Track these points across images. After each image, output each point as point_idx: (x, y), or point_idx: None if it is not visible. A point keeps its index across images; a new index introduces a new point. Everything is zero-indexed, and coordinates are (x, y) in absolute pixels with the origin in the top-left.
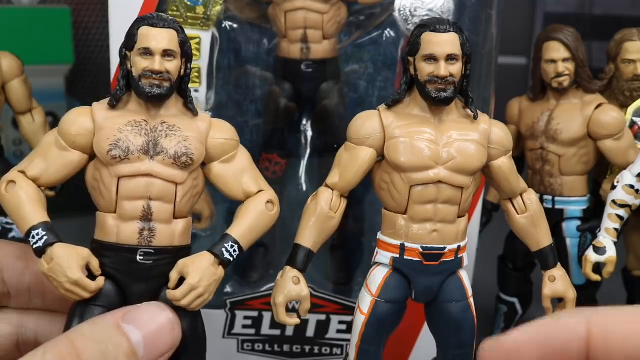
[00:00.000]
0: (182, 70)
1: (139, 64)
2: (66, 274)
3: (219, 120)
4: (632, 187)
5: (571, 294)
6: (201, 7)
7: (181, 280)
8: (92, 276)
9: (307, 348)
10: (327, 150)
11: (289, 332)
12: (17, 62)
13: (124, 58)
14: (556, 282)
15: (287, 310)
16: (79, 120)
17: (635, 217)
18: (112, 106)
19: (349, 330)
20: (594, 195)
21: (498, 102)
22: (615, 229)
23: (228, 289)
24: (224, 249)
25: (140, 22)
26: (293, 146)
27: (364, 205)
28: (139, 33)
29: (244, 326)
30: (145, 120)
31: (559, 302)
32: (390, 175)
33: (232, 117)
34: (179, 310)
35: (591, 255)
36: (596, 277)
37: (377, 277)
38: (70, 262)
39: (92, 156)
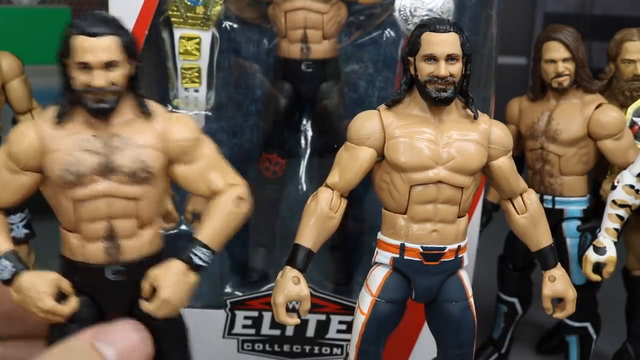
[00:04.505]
0: (130, 71)
1: (79, 78)
2: (37, 305)
3: (176, 116)
4: (632, 187)
5: (571, 294)
6: (201, 7)
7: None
8: (64, 296)
9: (307, 348)
10: (327, 150)
11: (289, 332)
12: (17, 62)
13: (63, 66)
14: (556, 282)
15: (287, 310)
16: (25, 140)
17: (635, 217)
18: (59, 122)
19: (349, 330)
20: (594, 195)
21: (498, 102)
22: (616, 229)
23: (228, 289)
24: (193, 255)
25: (74, 28)
26: (293, 146)
27: (364, 205)
28: (74, 45)
29: (244, 326)
30: (95, 136)
31: (559, 302)
32: (390, 175)
33: (232, 117)
34: None
35: (591, 255)
36: (596, 277)
37: (377, 277)
38: (39, 292)
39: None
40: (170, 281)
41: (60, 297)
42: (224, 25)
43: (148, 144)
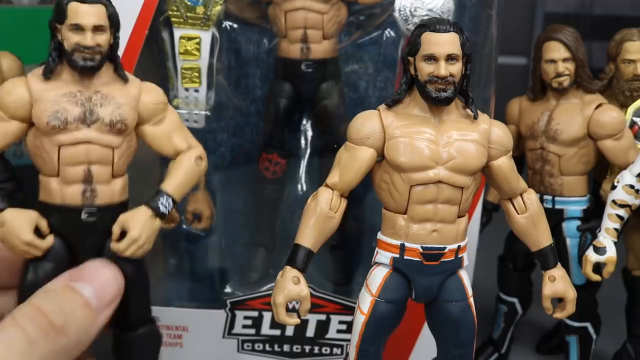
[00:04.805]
0: (111, 40)
1: (71, 38)
2: (19, 237)
3: (148, 84)
4: (632, 187)
5: (571, 294)
6: (201, 7)
7: (123, 232)
8: (42, 235)
9: (307, 348)
10: (327, 150)
11: (289, 332)
12: (17, 62)
13: (54, 30)
14: (556, 282)
15: (287, 310)
16: (16, 92)
17: (635, 217)
18: (47, 77)
19: (349, 330)
20: (594, 195)
21: (498, 102)
22: (615, 229)
23: (228, 289)
24: (159, 203)
25: None
26: (293, 146)
27: (364, 205)
28: (69, 9)
29: (244, 326)
30: (79, 91)
31: (559, 302)
32: (390, 175)
33: (232, 117)
34: (124, 258)
35: (591, 255)
36: (596, 277)
37: (377, 277)
38: (20, 225)
39: (30, 124)
40: (139, 223)
41: (38, 235)
42: (224, 25)
43: (125, 102)
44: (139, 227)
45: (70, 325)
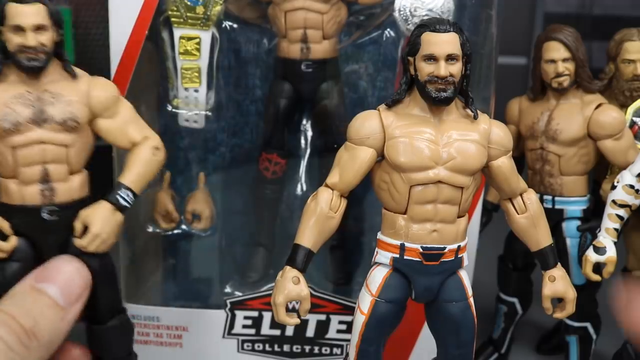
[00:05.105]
0: (56, 37)
1: (13, 40)
2: None
3: (98, 78)
4: (632, 187)
5: (571, 294)
6: (201, 7)
7: (86, 227)
8: (5, 237)
9: (307, 348)
10: (327, 150)
11: (289, 332)
12: None
13: None
14: (556, 282)
15: (287, 310)
16: None
17: (635, 217)
18: None
19: (349, 330)
20: (594, 195)
21: (498, 102)
22: (615, 229)
23: (228, 289)
24: (118, 197)
25: None
26: (293, 146)
27: (364, 205)
28: (8, 10)
29: (244, 326)
30: (28, 91)
31: (559, 302)
32: (390, 175)
33: (232, 117)
34: (89, 253)
35: (591, 255)
36: (596, 277)
37: (377, 277)
38: None
39: None
40: (100, 218)
41: (1, 238)
42: (224, 25)
43: (75, 99)
44: (99, 222)
45: (40, 326)
